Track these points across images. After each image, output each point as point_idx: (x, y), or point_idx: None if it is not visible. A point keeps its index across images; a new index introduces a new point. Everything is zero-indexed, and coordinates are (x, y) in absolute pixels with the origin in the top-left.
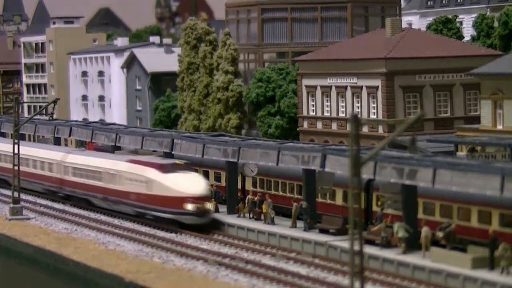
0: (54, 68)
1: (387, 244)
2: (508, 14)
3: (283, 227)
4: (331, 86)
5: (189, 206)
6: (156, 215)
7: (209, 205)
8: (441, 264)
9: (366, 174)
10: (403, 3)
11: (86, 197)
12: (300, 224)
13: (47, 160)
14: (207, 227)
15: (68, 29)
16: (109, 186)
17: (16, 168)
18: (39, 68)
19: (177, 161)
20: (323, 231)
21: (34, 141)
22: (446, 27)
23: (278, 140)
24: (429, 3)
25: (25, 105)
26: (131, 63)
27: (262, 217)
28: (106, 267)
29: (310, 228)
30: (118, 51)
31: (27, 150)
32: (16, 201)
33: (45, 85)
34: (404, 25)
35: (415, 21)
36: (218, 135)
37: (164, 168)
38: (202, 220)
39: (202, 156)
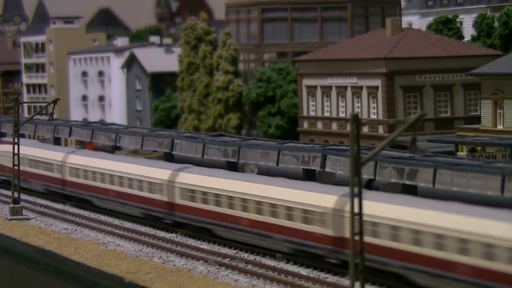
0: (54, 68)
1: None
2: (508, 14)
3: None
4: (331, 86)
5: None
6: None
7: None
8: None
9: (366, 174)
10: (403, 3)
11: None
12: None
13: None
14: None
15: (68, 29)
16: None
17: (16, 168)
18: (39, 68)
19: None
20: None
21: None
22: (446, 27)
23: (278, 140)
24: (429, 3)
25: (25, 105)
26: (131, 63)
27: None
28: (106, 267)
29: None
30: (118, 51)
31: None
32: (16, 201)
33: (45, 85)
34: (404, 25)
35: (415, 21)
36: (218, 135)
37: None
38: None
39: (202, 156)
